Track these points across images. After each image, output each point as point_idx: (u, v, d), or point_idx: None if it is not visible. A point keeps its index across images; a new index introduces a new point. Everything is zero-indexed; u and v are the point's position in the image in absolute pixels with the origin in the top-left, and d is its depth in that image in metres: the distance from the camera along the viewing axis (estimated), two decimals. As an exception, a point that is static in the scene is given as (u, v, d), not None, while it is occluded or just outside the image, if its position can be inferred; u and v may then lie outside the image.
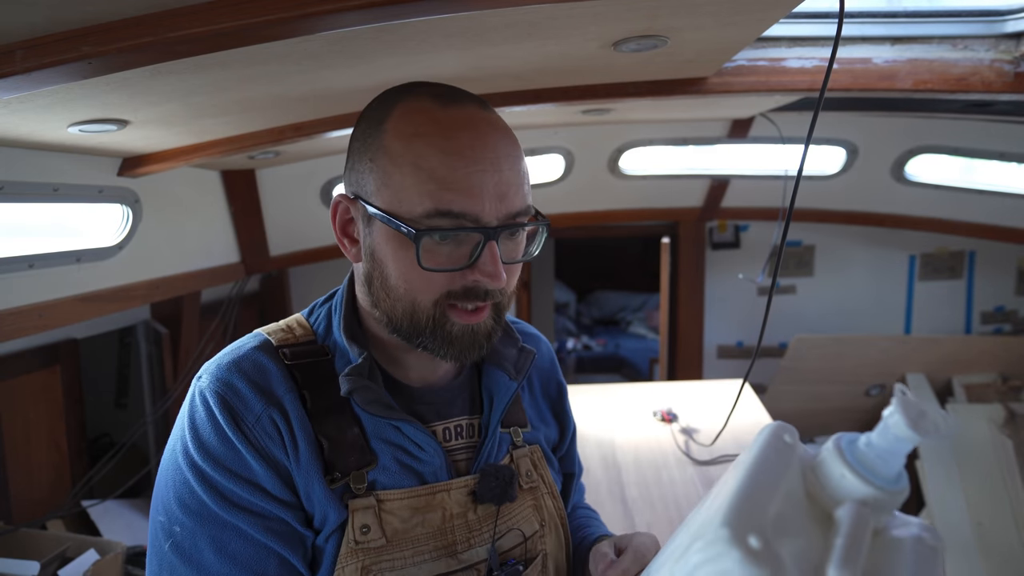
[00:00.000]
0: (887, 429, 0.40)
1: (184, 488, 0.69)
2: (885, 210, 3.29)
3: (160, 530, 0.69)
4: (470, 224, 0.68)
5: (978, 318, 3.80)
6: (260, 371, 0.73)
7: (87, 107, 1.14)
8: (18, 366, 2.17)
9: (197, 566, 0.67)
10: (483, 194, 0.67)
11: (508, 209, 0.69)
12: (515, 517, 0.81)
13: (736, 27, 1.10)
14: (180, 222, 2.28)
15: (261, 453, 0.70)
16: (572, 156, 3.06)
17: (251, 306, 3.27)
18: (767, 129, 2.73)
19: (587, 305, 7.12)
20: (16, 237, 1.70)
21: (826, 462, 0.43)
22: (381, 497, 0.73)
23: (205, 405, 0.71)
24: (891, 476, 0.41)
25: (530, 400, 0.93)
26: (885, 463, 0.41)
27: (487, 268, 0.68)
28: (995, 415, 3.02)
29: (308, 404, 0.74)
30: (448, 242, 0.69)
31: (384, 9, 0.70)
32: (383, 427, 0.75)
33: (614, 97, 1.55)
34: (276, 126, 1.61)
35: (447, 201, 0.67)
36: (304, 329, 0.81)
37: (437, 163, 0.67)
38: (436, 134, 0.68)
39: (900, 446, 0.40)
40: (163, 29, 0.72)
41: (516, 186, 0.70)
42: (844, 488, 0.42)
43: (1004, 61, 1.50)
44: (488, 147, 0.69)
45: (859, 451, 0.42)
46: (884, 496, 0.41)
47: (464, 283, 0.70)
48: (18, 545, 1.93)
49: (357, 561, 0.70)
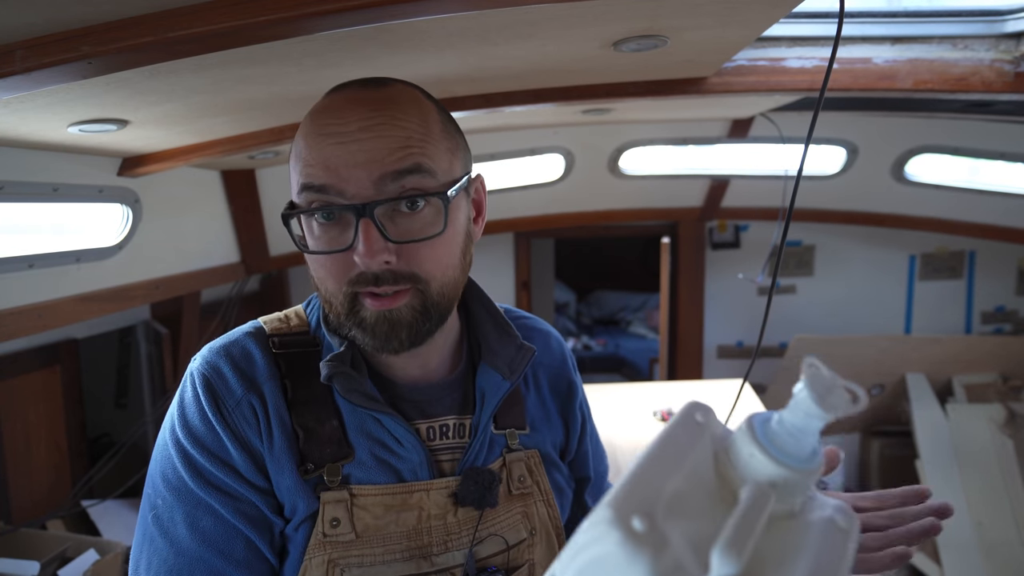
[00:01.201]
0: (796, 405, 0.38)
1: (168, 464, 0.71)
2: (885, 210, 3.29)
3: (147, 501, 0.72)
4: (336, 198, 0.67)
5: (978, 318, 3.80)
6: (246, 357, 0.75)
7: (87, 107, 1.14)
8: (18, 366, 2.17)
9: (171, 539, 0.69)
10: (339, 165, 0.66)
11: (378, 172, 0.66)
12: (499, 524, 0.78)
13: (736, 27, 1.09)
14: (180, 222, 2.28)
15: (238, 437, 0.71)
16: (572, 156, 3.06)
17: (251, 306, 3.27)
18: (767, 129, 2.73)
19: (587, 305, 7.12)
20: (16, 237, 1.70)
21: (737, 441, 0.40)
22: (355, 491, 0.73)
23: (193, 386, 0.73)
24: (803, 455, 0.39)
25: (536, 400, 0.88)
26: (797, 441, 0.39)
27: (358, 246, 0.66)
28: (995, 415, 3.02)
29: (289, 393, 0.74)
30: (332, 224, 0.69)
31: (384, 9, 0.70)
32: (363, 419, 0.75)
33: (614, 97, 1.55)
34: (276, 126, 1.61)
35: (308, 176, 0.68)
36: (300, 319, 0.82)
37: (302, 145, 0.70)
38: (310, 121, 0.70)
39: (811, 423, 0.38)
40: (163, 29, 0.72)
41: (386, 150, 0.66)
42: (752, 468, 0.39)
43: (1004, 61, 1.50)
44: (346, 121, 0.67)
45: (770, 430, 0.40)
46: (794, 476, 0.39)
47: (358, 268, 0.68)
48: (18, 545, 1.93)
49: (324, 554, 0.70)
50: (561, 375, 0.93)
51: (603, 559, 0.36)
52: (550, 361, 0.92)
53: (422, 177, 0.68)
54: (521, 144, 2.87)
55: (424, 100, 0.73)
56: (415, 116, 0.69)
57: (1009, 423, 2.98)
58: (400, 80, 0.74)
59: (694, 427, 0.42)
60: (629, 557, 0.35)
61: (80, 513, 2.29)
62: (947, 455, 2.96)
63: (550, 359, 0.93)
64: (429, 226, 0.69)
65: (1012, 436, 2.91)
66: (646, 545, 0.35)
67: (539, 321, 0.96)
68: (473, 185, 0.78)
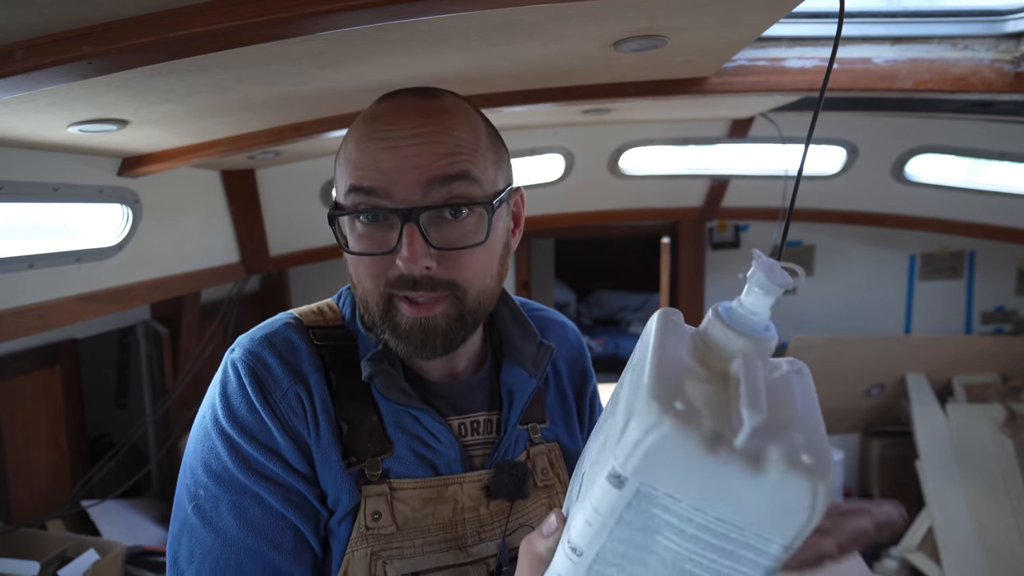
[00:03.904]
0: (751, 288, 0.48)
1: (211, 453, 0.71)
2: (885, 210, 3.29)
3: (185, 492, 0.71)
4: (384, 201, 0.68)
5: (978, 318, 3.80)
6: (290, 348, 0.75)
7: (87, 107, 1.14)
8: (18, 366, 2.17)
9: (216, 529, 0.69)
10: (388, 168, 0.68)
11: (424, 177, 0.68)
12: (528, 514, 0.81)
13: (736, 27, 1.10)
14: (180, 222, 2.28)
15: (285, 426, 0.71)
16: (572, 156, 3.06)
17: (251, 306, 3.27)
18: (767, 129, 2.73)
19: (587, 305, 7.12)
20: (16, 237, 1.70)
21: (711, 328, 0.50)
22: (394, 485, 0.74)
23: (236, 375, 0.72)
24: (762, 328, 0.49)
25: (556, 395, 0.91)
26: (756, 317, 0.49)
27: (401, 250, 0.68)
28: (995, 415, 3.02)
29: (333, 386, 0.75)
30: (377, 226, 0.70)
31: (384, 9, 0.70)
32: (401, 416, 0.76)
33: (614, 97, 1.55)
34: (276, 126, 1.61)
35: (357, 177, 0.70)
36: (334, 313, 0.82)
37: (352, 147, 0.72)
38: (360, 125, 0.73)
39: (765, 300, 0.48)
40: (163, 29, 0.72)
41: (436, 156, 0.69)
42: (730, 346, 0.49)
43: (1004, 61, 1.50)
44: (399, 127, 0.69)
45: (735, 313, 0.50)
46: (762, 346, 0.49)
47: (398, 271, 0.69)
48: (18, 545, 1.93)
49: (367, 546, 0.71)
50: (577, 363, 0.96)
51: (660, 442, 0.45)
52: (568, 351, 0.95)
53: (469, 185, 0.70)
54: (521, 144, 2.87)
55: (473, 112, 0.76)
56: (465, 126, 0.72)
57: (1009, 423, 2.97)
58: (451, 92, 0.77)
59: (675, 326, 0.52)
60: (682, 433, 0.44)
61: (80, 513, 2.29)
62: (947, 455, 2.96)
63: (568, 349, 0.95)
64: (471, 235, 0.71)
65: (1012, 436, 2.91)
66: (691, 421, 0.45)
67: (555, 313, 0.99)
68: (513, 197, 0.80)
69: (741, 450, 0.45)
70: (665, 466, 0.45)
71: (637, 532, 0.48)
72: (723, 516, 0.45)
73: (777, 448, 0.45)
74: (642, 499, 0.47)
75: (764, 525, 0.45)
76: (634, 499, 0.47)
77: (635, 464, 0.46)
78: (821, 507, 0.45)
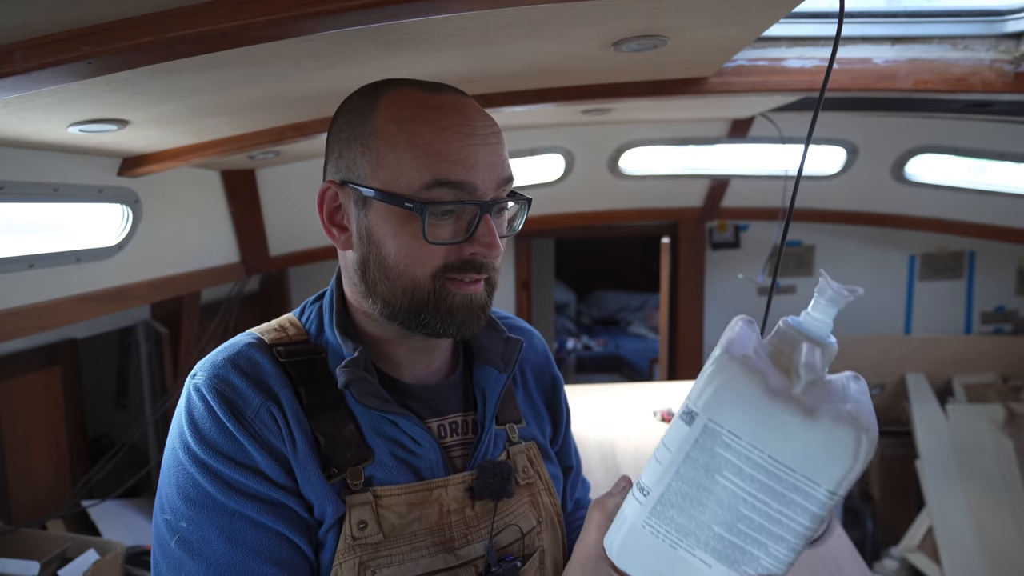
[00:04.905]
0: (819, 303, 0.57)
1: (188, 482, 0.69)
2: (885, 210, 3.29)
3: (165, 528, 0.69)
4: (467, 195, 0.71)
5: (978, 318, 3.80)
6: (255, 367, 0.74)
7: (87, 107, 1.14)
8: (18, 366, 2.17)
9: (206, 559, 0.67)
10: (477, 165, 0.71)
11: (499, 176, 0.73)
12: (512, 513, 0.81)
13: (736, 27, 1.10)
14: (180, 222, 2.28)
15: (261, 443, 0.70)
16: (572, 156, 3.06)
17: (251, 306, 3.27)
18: (767, 129, 2.73)
19: (587, 305, 7.12)
20: (16, 237, 1.70)
21: (784, 332, 0.58)
22: (378, 493, 0.73)
23: (203, 400, 0.71)
24: (825, 334, 0.57)
25: (524, 396, 0.93)
26: (823, 326, 0.57)
27: (485, 239, 0.72)
28: (995, 415, 3.02)
29: (304, 401, 0.74)
30: (448, 217, 0.72)
31: (384, 9, 0.70)
32: (379, 422, 0.75)
33: (614, 97, 1.55)
34: (276, 126, 1.61)
35: (445, 171, 0.70)
36: (296, 328, 0.81)
37: (432, 138, 0.71)
38: (428, 115, 0.72)
39: (830, 312, 0.57)
40: (163, 29, 0.72)
41: (504, 159, 0.75)
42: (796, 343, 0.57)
43: (1004, 61, 1.50)
44: (476, 124, 0.73)
45: (803, 319, 0.58)
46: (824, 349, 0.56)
47: (461, 256, 0.73)
48: (18, 545, 1.93)
49: (355, 557, 0.70)
50: (545, 370, 0.98)
51: (729, 382, 0.54)
52: (534, 358, 0.98)
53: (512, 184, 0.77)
54: (521, 144, 2.88)
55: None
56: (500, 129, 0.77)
57: (1009, 423, 2.98)
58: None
59: (748, 324, 0.61)
60: (749, 376, 0.54)
61: (80, 513, 2.29)
62: (947, 455, 2.96)
63: (534, 356, 0.98)
64: (510, 225, 0.80)
65: (1012, 436, 2.91)
66: (756, 368, 0.54)
67: (520, 321, 1.00)
68: None
69: (797, 398, 0.53)
70: (731, 404, 0.54)
71: (700, 472, 0.55)
72: (777, 455, 0.53)
73: (829, 404, 0.53)
74: (708, 436, 0.55)
75: (812, 468, 0.52)
76: (701, 436, 0.55)
77: (705, 400, 0.54)
78: (864, 457, 0.51)
